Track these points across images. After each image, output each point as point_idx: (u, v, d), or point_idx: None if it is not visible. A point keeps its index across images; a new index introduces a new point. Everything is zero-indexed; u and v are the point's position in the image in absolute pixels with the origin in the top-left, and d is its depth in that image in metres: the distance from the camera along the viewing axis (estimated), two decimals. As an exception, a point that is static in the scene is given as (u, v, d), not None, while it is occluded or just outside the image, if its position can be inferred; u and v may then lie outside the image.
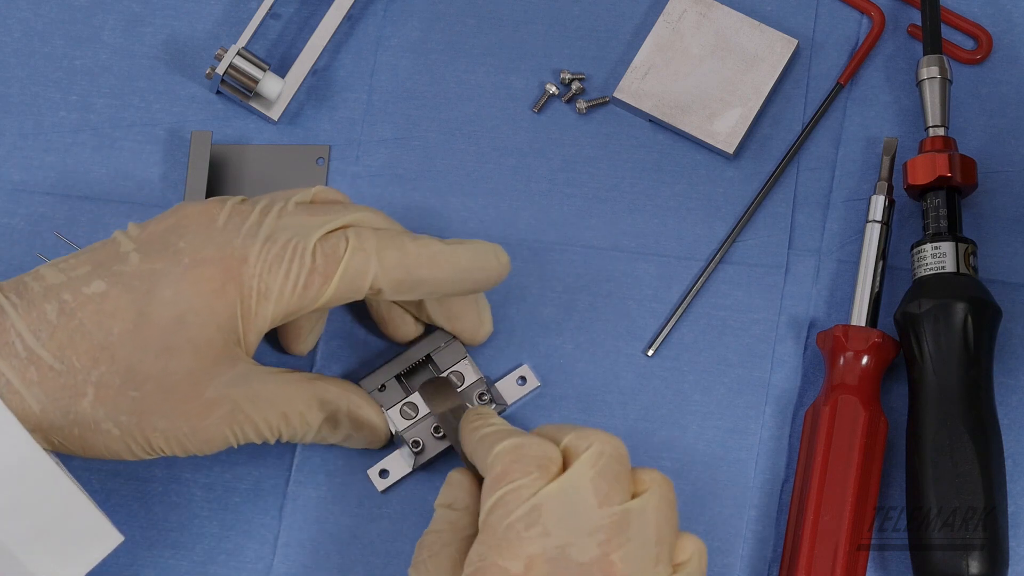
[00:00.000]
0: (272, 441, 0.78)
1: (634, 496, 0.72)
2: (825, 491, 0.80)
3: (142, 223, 0.77)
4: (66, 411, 0.73)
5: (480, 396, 0.83)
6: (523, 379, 0.85)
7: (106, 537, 0.74)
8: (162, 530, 0.83)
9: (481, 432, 0.75)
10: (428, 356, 0.84)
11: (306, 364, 0.86)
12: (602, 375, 0.85)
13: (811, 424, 0.83)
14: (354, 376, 0.85)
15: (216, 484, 0.84)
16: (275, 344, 0.86)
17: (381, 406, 0.82)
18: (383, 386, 0.83)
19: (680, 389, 0.85)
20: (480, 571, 0.70)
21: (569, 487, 0.71)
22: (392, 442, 0.84)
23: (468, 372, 0.84)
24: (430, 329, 0.85)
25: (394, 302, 0.84)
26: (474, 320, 0.83)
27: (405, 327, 0.84)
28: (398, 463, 0.83)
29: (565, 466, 0.72)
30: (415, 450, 0.82)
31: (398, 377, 0.84)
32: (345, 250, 0.76)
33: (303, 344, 0.84)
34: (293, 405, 0.78)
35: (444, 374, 0.84)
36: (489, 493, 0.72)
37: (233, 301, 0.75)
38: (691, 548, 0.73)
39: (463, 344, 0.84)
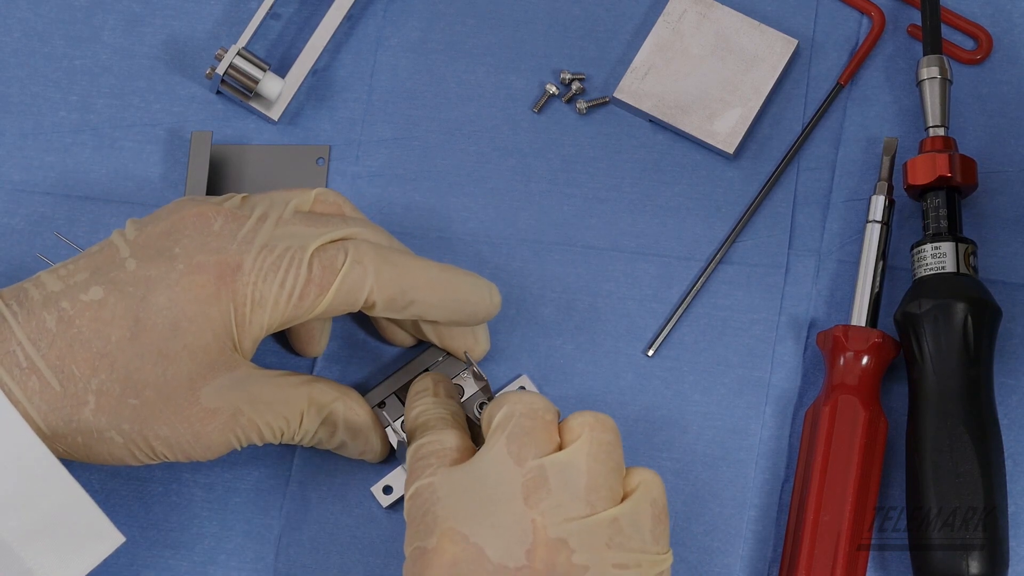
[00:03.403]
0: (275, 441, 0.78)
1: (563, 448, 0.72)
2: (825, 491, 0.80)
3: (140, 221, 0.77)
4: (68, 420, 0.73)
5: (480, 407, 0.83)
6: (523, 389, 0.85)
7: (107, 537, 0.74)
8: (162, 530, 0.83)
9: (406, 429, 0.79)
10: (427, 370, 0.84)
11: (306, 365, 0.86)
12: (602, 375, 0.85)
13: (811, 424, 0.83)
14: (353, 380, 0.85)
15: (216, 484, 0.84)
16: (275, 346, 0.86)
17: (382, 423, 0.82)
18: (383, 402, 0.83)
19: (680, 389, 0.85)
20: (411, 557, 0.72)
21: (478, 459, 0.72)
22: (392, 457, 0.83)
23: (468, 384, 0.84)
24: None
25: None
26: (468, 340, 0.83)
27: (403, 334, 0.84)
28: (401, 479, 0.83)
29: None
30: None
31: (398, 393, 0.84)
32: (343, 263, 0.76)
33: (317, 346, 0.85)
34: (293, 407, 0.78)
35: None
36: (405, 492, 0.74)
37: (227, 308, 0.75)
38: (636, 480, 0.73)
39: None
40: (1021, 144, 0.88)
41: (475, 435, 0.80)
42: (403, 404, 0.83)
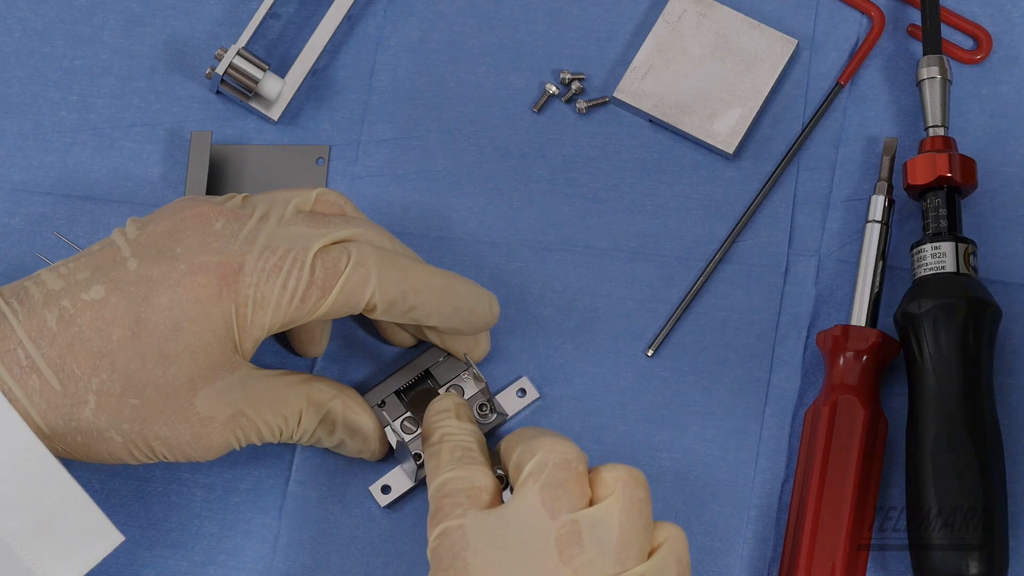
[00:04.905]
0: (274, 441, 0.78)
1: (594, 501, 0.71)
2: (825, 491, 0.80)
3: (141, 220, 0.77)
4: (68, 419, 0.73)
5: (480, 408, 0.83)
6: (523, 391, 0.85)
7: (107, 537, 0.74)
8: (162, 530, 0.83)
9: (427, 452, 0.76)
10: (427, 371, 0.84)
11: (306, 365, 0.86)
12: (602, 376, 0.85)
13: (811, 424, 0.83)
14: (353, 380, 0.85)
15: (216, 484, 0.84)
16: (275, 346, 0.86)
17: (382, 423, 0.82)
18: (383, 402, 0.83)
19: (680, 389, 0.85)
20: None
21: (510, 508, 0.71)
22: (392, 456, 0.83)
23: (468, 385, 0.84)
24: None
25: None
26: (468, 341, 0.83)
27: (403, 334, 0.84)
28: (400, 479, 0.83)
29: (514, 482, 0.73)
30: (418, 463, 0.82)
31: (398, 392, 0.84)
32: (346, 265, 0.76)
33: (317, 346, 0.85)
34: (292, 406, 0.78)
35: (443, 388, 0.84)
36: (431, 529, 0.72)
37: (228, 309, 0.75)
38: (662, 536, 0.72)
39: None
40: (1021, 144, 0.88)
41: None
42: (403, 404, 0.83)
